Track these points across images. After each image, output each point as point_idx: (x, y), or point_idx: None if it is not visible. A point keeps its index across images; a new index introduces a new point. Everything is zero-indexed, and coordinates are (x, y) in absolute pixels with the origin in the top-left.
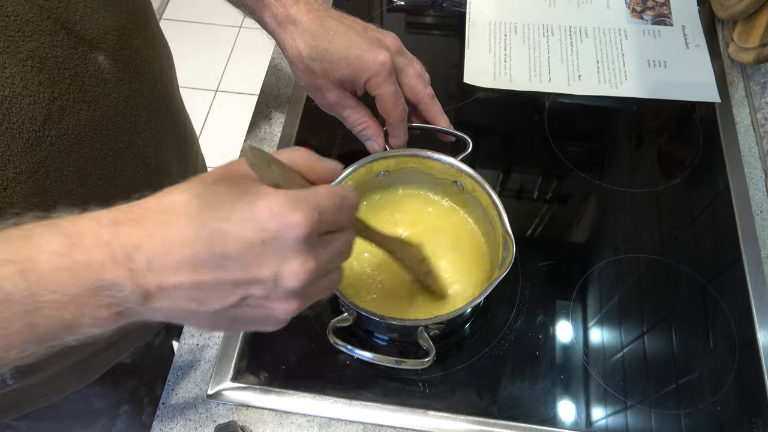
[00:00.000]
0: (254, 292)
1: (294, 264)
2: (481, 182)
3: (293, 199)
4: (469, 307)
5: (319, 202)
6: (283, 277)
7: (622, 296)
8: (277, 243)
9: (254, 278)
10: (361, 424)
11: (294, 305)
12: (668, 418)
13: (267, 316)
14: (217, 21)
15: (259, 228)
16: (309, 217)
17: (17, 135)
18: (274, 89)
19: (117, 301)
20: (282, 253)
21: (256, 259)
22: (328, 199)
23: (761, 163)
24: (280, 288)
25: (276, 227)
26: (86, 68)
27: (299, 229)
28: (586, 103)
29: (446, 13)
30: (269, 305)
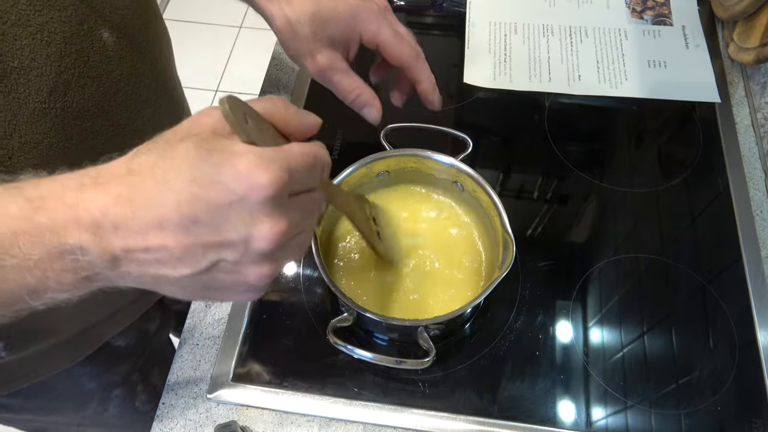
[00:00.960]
0: (225, 256)
1: (264, 226)
2: (481, 182)
3: (263, 158)
4: (469, 307)
5: (289, 162)
6: (253, 239)
7: (622, 296)
8: (245, 205)
9: (224, 241)
10: (361, 424)
11: (266, 269)
12: (668, 418)
13: (239, 282)
14: (217, 21)
15: (226, 190)
16: (278, 177)
17: (23, 105)
18: (274, 89)
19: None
20: (251, 215)
21: (225, 221)
22: (299, 158)
23: (761, 163)
24: (251, 251)
25: (244, 189)
26: (92, 44)
27: (267, 190)
28: (586, 103)
29: (446, 13)
30: (241, 270)
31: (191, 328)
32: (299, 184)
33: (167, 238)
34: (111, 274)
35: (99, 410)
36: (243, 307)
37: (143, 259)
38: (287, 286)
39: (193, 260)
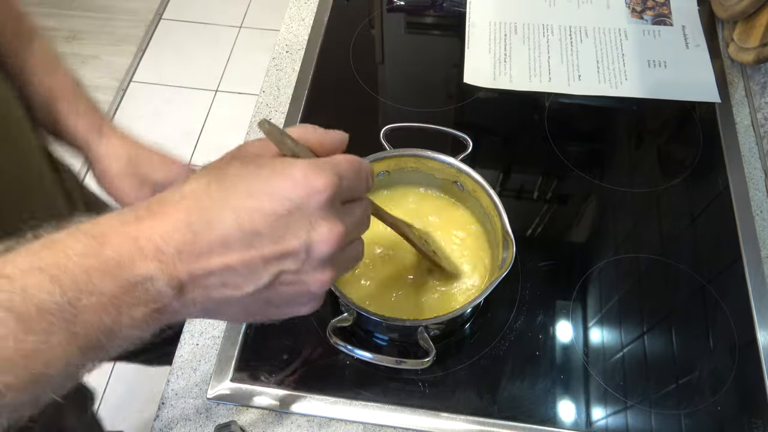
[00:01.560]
0: (287, 266)
1: (323, 230)
2: (481, 182)
3: (313, 165)
4: (469, 307)
5: (338, 167)
6: (314, 244)
7: (622, 296)
8: (303, 211)
9: (285, 251)
10: (361, 424)
11: (327, 275)
12: (668, 418)
13: (301, 293)
14: (217, 21)
15: (283, 198)
16: (331, 181)
17: None
18: (274, 89)
19: (152, 296)
20: (310, 220)
21: (285, 230)
22: (346, 164)
23: (761, 163)
24: (313, 256)
25: (300, 195)
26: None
27: (324, 194)
28: (586, 103)
29: (446, 13)
30: (303, 279)
31: (191, 328)
32: (349, 190)
33: (230, 257)
34: (177, 304)
35: None
36: None
37: (208, 282)
38: None
39: (256, 275)
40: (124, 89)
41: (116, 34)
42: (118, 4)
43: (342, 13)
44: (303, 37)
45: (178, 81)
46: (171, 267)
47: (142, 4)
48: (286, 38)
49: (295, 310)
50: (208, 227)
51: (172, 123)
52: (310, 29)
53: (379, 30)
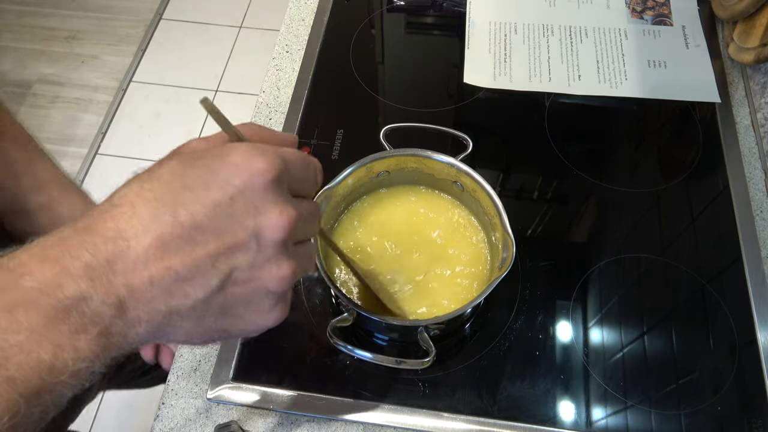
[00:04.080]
0: (238, 262)
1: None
2: (481, 182)
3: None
4: (469, 308)
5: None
6: (263, 230)
7: (622, 296)
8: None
9: (233, 243)
10: (361, 424)
11: (285, 269)
12: (668, 418)
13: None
14: (217, 21)
15: (224, 184)
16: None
17: None
18: (274, 89)
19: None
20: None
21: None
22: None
23: (761, 163)
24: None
25: (243, 179)
26: None
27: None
28: (586, 103)
29: (446, 13)
30: (258, 275)
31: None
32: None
33: (171, 258)
34: (122, 324)
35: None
36: None
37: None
38: None
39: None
40: (124, 89)
41: (116, 34)
42: (118, 4)
43: (342, 13)
44: (303, 37)
45: (178, 81)
46: (104, 282)
47: (142, 4)
48: (286, 38)
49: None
50: (141, 230)
51: (172, 123)
52: (310, 29)
53: (379, 30)
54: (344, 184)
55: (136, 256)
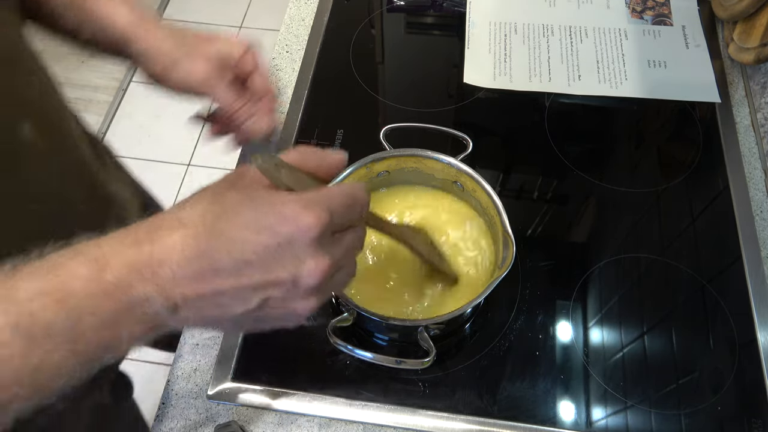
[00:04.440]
0: (274, 294)
1: (310, 264)
2: (480, 182)
3: (305, 201)
4: (469, 307)
5: (330, 203)
6: (301, 277)
7: (622, 296)
8: (292, 246)
9: (273, 281)
10: (361, 424)
11: (313, 302)
12: (668, 418)
13: (288, 315)
14: (217, 21)
15: (274, 232)
16: (321, 218)
17: None
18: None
19: (149, 316)
20: (298, 254)
21: (274, 262)
22: (339, 199)
23: (761, 163)
24: (299, 288)
25: (290, 231)
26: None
27: (312, 231)
28: (586, 103)
29: (446, 13)
30: (290, 305)
31: (191, 329)
32: (340, 224)
33: (222, 283)
34: (173, 321)
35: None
36: None
37: (200, 304)
38: None
39: (245, 300)
40: (124, 89)
41: None
42: None
43: (342, 13)
44: (303, 37)
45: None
46: (167, 290)
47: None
48: (286, 38)
49: (283, 324)
50: (202, 255)
51: (172, 123)
52: (310, 29)
53: (379, 30)
54: None
55: (194, 274)
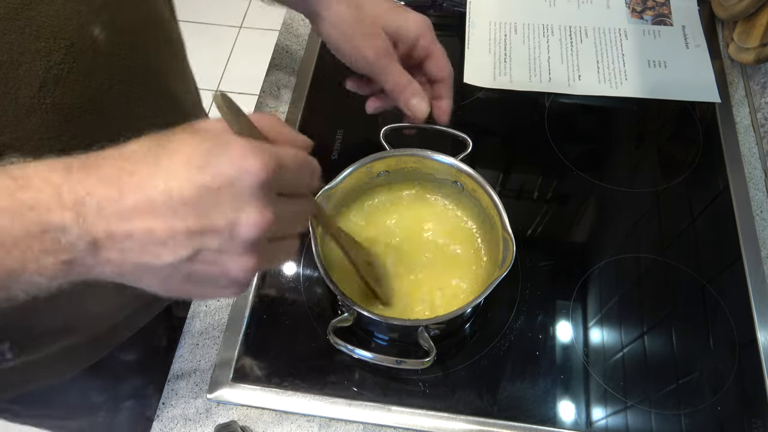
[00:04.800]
0: (209, 244)
1: (250, 213)
2: (480, 182)
3: (255, 146)
4: (469, 307)
5: (280, 155)
6: (239, 225)
7: (622, 296)
8: (234, 189)
9: (209, 227)
10: (361, 424)
11: (249, 262)
12: (668, 418)
13: (222, 274)
14: (217, 21)
15: (216, 172)
16: (267, 164)
17: (13, 101)
18: (274, 89)
19: (63, 247)
20: (239, 200)
21: (212, 205)
22: (291, 155)
23: (761, 163)
24: (236, 239)
25: (234, 173)
26: (82, 40)
27: (256, 176)
28: (586, 103)
29: (446, 13)
30: (224, 260)
31: (191, 328)
32: (289, 182)
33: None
34: (91, 261)
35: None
36: (243, 308)
37: (126, 245)
38: (287, 286)
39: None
40: None
41: None
42: None
43: None
44: (303, 37)
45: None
46: (88, 221)
47: None
48: (286, 38)
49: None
50: (136, 188)
51: None
52: (310, 29)
53: None
54: (344, 184)
55: (124, 208)
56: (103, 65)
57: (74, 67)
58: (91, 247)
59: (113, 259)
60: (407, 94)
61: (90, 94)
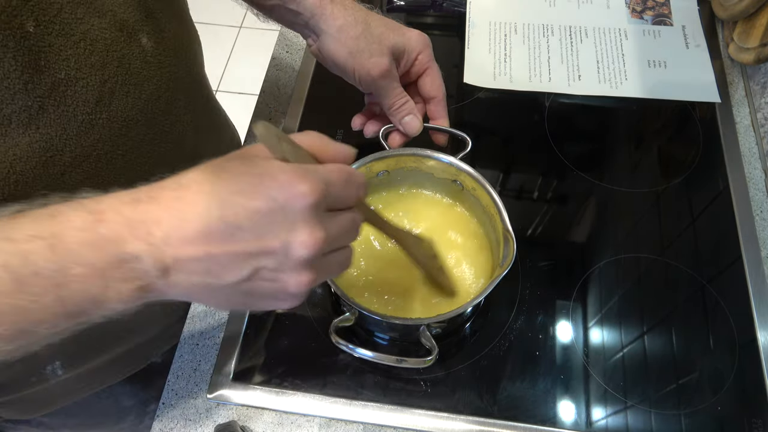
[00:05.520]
0: (266, 264)
1: (303, 233)
2: (480, 180)
3: (301, 170)
4: (470, 306)
5: (326, 175)
6: (293, 246)
7: (622, 296)
8: (285, 212)
9: (265, 248)
10: (361, 424)
11: (305, 278)
12: (668, 418)
13: (280, 290)
14: (217, 21)
15: (268, 197)
16: (316, 187)
17: (72, 118)
18: (274, 89)
19: (138, 275)
20: (291, 222)
21: (266, 228)
22: (335, 173)
23: (761, 163)
24: (291, 258)
25: (284, 197)
26: (132, 50)
27: (306, 198)
28: (586, 103)
29: (446, 13)
30: (281, 277)
31: (191, 329)
32: (336, 199)
33: (213, 247)
34: (162, 284)
35: (135, 422)
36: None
37: (191, 268)
38: None
39: (237, 268)
40: None
41: None
42: None
43: None
44: None
45: None
46: (158, 250)
47: None
48: (286, 38)
49: (274, 304)
50: (195, 217)
51: None
52: None
53: None
54: None
55: (186, 236)
56: (152, 74)
57: (127, 79)
58: (161, 273)
59: (180, 282)
60: (404, 113)
61: (141, 105)
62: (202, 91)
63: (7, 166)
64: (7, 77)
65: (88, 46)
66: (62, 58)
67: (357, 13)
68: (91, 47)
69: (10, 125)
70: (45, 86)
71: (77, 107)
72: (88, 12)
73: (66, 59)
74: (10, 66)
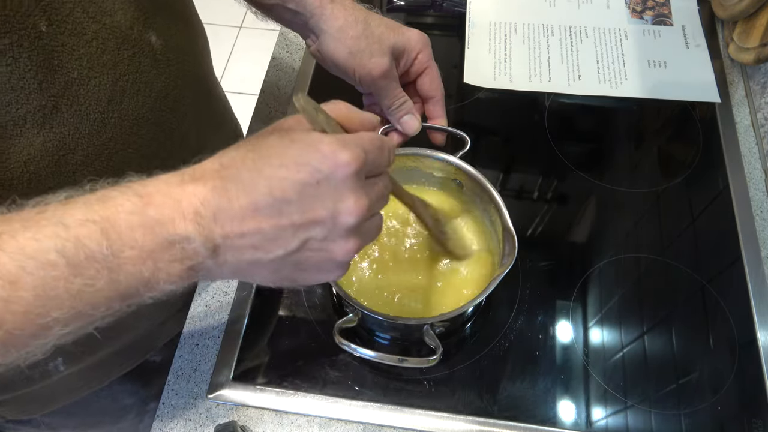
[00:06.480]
0: (314, 234)
1: (349, 201)
2: (480, 179)
3: (341, 140)
4: (472, 305)
5: (363, 143)
6: (340, 214)
7: (622, 296)
8: (331, 182)
9: (313, 219)
10: (361, 424)
11: (352, 245)
12: (668, 418)
13: (327, 259)
14: (217, 21)
15: (312, 169)
16: (358, 155)
17: (85, 117)
18: (274, 89)
19: (188, 255)
20: (337, 191)
21: (313, 199)
22: (370, 141)
23: (761, 163)
24: (339, 226)
25: (329, 167)
26: (142, 49)
27: (350, 167)
28: (586, 103)
29: (446, 13)
30: (330, 246)
31: (191, 329)
32: (372, 164)
33: (262, 221)
34: (211, 263)
35: (135, 422)
36: (243, 308)
37: (240, 244)
38: None
39: (286, 241)
40: None
41: None
42: None
43: None
44: None
45: None
46: (207, 229)
47: None
48: (286, 38)
49: (321, 276)
50: (242, 193)
51: None
52: None
53: None
54: None
55: (234, 213)
56: (161, 72)
57: (137, 77)
58: (211, 252)
59: (230, 260)
60: (402, 112)
61: (150, 104)
62: (207, 87)
63: (21, 165)
64: (23, 77)
65: (100, 45)
66: (75, 58)
67: (357, 13)
68: (103, 46)
69: (25, 125)
70: (59, 86)
71: (90, 106)
72: (99, 11)
73: (79, 58)
74: (25, 66)
